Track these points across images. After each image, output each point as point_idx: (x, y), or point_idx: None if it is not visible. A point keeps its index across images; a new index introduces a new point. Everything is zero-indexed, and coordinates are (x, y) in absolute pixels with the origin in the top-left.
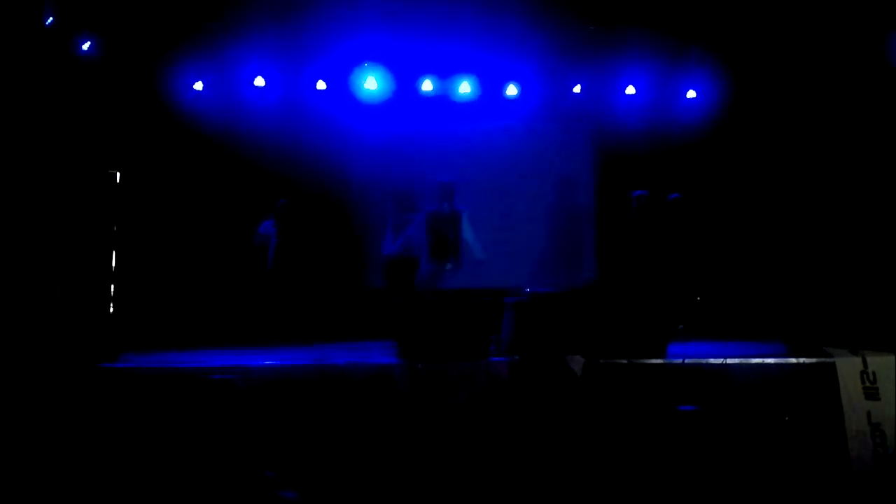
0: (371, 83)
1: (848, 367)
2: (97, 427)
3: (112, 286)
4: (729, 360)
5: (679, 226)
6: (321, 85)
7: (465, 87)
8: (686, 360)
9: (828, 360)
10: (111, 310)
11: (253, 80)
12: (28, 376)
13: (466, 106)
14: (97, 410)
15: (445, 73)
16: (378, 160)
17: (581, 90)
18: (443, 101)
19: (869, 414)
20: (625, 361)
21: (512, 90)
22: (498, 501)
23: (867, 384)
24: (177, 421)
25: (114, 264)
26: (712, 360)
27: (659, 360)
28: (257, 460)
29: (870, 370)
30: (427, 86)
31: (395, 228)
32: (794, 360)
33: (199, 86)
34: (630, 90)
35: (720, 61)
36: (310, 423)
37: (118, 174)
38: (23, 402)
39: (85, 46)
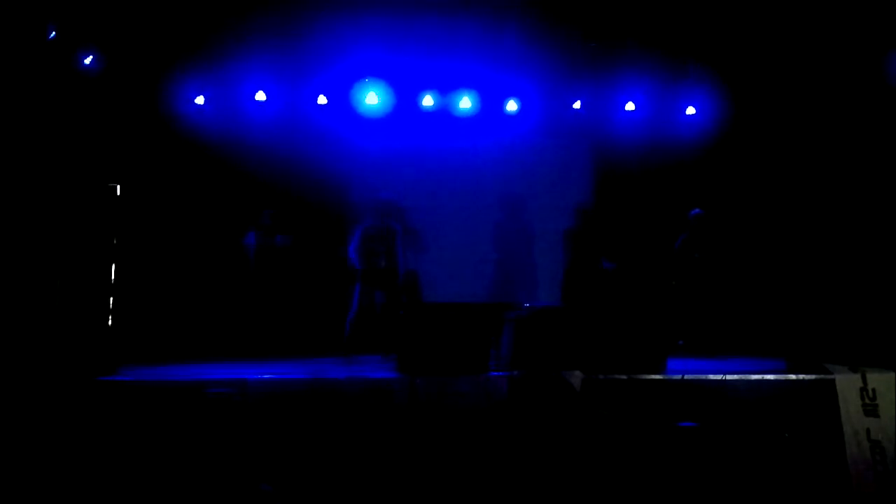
0: (372, 98)
1: (847, 384)
2: (96, 440)
3: (111, 299)
4: (728, 377)
5: (704, 241)
6: (322, 100)
7: (465, 103)
8: (685, 376)
9: (827, 376)
10: (110, 323)
11: (254, 94)
12: (27, 389)
13: (467, 121)
14: (96, 424)
15: (446, 89)
16: (379, 175)
17: (581, 106)
18: (443, 116)
19: (868, 431)
20: (624, 377)
21: (512, 106)
22: None
23: (866, 401)
24: (175, 434)
25: (113, 277)
26: (712, 377)
27: (658, 376)
28: (254, 474)
29: (869, 387)
30: (428, 101)
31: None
32: (793, 377)
33: (200, 100)
34: (630, 106)
35: (719, 78)
36: (307, 436)
37: (118, 187)
38: (22, 415)
39: (87, 60)
